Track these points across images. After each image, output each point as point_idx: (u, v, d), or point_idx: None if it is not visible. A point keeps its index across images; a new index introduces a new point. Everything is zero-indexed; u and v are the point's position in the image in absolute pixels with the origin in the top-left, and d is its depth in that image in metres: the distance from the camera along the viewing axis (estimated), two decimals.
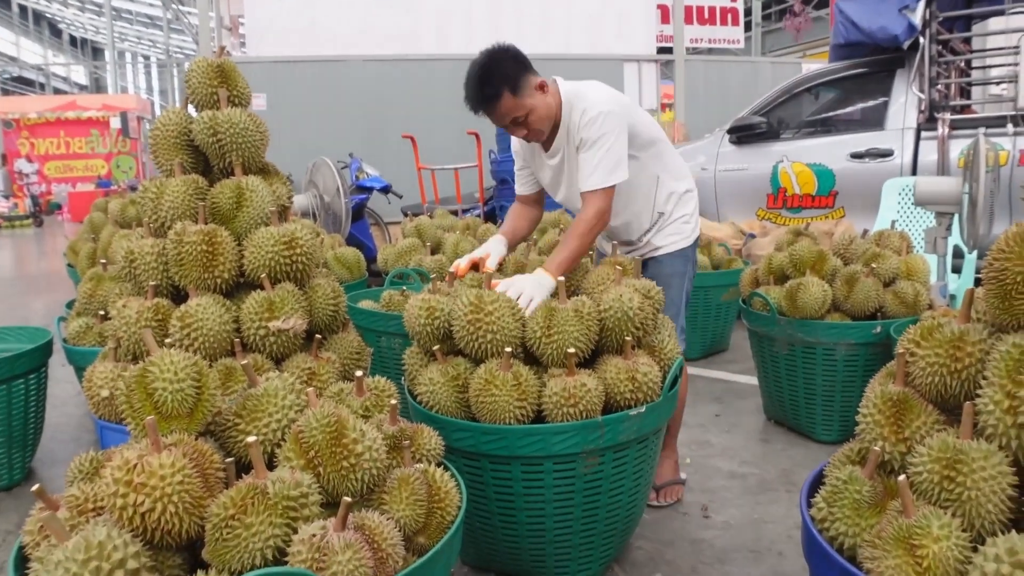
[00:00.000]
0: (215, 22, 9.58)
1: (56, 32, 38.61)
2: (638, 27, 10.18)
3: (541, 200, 2.80)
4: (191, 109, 2.33)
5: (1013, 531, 1.14)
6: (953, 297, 3.75)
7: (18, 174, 19.61)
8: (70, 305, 3.72)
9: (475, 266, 2.50)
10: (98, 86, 39.67)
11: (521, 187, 2.78)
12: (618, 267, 2.22)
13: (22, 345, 3.25)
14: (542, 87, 2.43)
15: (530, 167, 2.71)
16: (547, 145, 2.55)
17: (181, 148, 2.25)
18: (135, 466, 1.25)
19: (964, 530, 1.21)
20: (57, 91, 35.25)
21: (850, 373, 3.16)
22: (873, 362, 3.10)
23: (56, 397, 4.08)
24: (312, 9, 9.21)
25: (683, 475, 2.84)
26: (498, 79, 2.33)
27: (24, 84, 35.02)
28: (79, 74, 41.61)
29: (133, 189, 8.52)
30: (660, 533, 2.54)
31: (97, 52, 41.83)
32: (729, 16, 13.08)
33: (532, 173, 2.72)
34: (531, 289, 2.20)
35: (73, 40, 40.34)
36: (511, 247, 2.67)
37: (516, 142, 2.68)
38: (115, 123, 20.03)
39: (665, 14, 11.63)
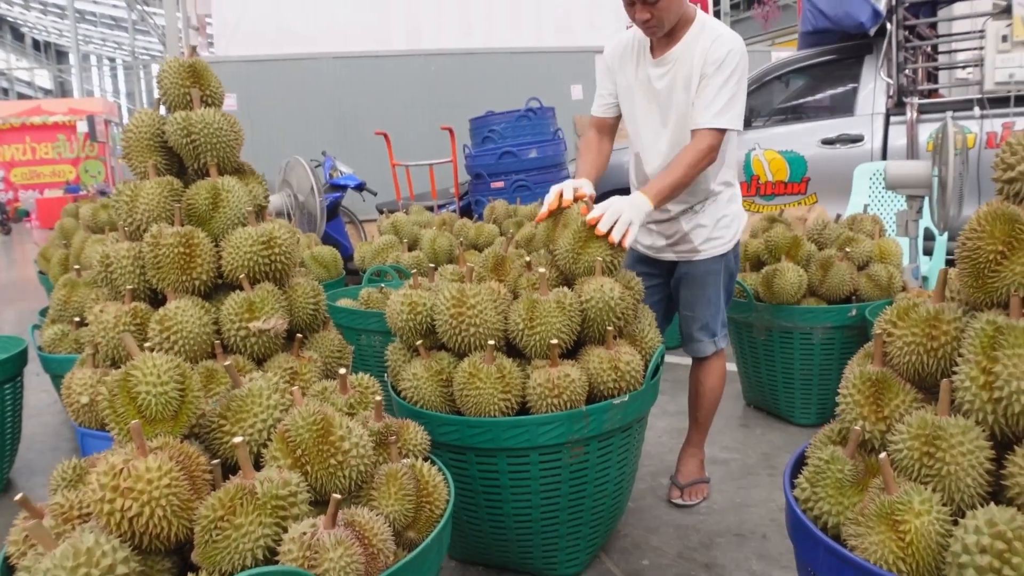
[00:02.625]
0: (182, 22, 9.46)
1: (19, 36, 37.91)
2: (609, 18, 10.19)
3: (614, 129, 2.64)
4: (163, 110, 2.30)
5: (992, 503, 1.17)
6: (925, 278, 3.82)
7: None
8: (44, 313, 3.67)
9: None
10: (63, 90, 39.01)
11: (601, 108, 2.61)
12: (598, 259, 2.21)
13: None
14: None
15: (615, 82, 2.54)
16: (659, 51, 2.40)
17: (154, 150, 2.22)
18: (121, 471, 1.24)
19: (945, 504, 1.23)
20: (21, 96, 34.68)
21: (827, 356, 3.20)
22: (849, 345, 3.15)
23: (32, 407, 4.03)
24: (280, 7, 9.12)
25: (707, 475, 2.77)
26: None
27: None
28: (43, 78, 40.91)
29: (103, 193, 8.42)
30: (646, 520, 2.56)
31: (61, 55, 41.14)
32: (698, 6, 13.12)
33: (614, 93, 2.56)
34: (628, 212, 2.15)
35: (36, 44, 39.63)
36: (595, 184, 2.49)
37: (609, 51, 2.54)
38: (82, 127, 19.70)
39: None
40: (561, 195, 2.26)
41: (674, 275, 2.65)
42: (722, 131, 2.27)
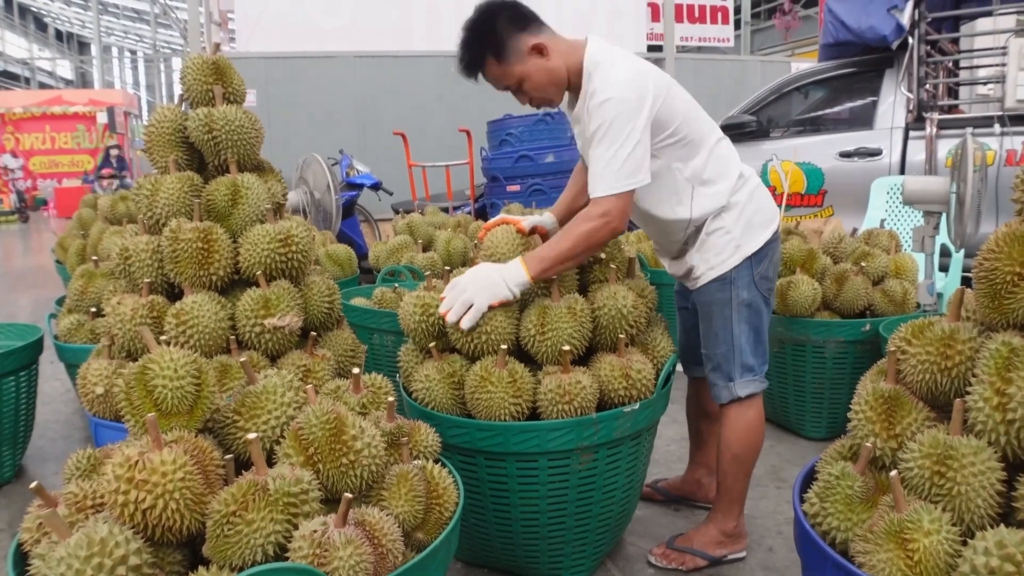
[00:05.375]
0: (204, 17, 9.52)
1: (42, 26, 38.26)
2: (629, 25, 10.21)
3: None
4: (185, 106, 2.32)
5: (1002, 525, 1.17)
6: (940, 295, 3.79)
7: (3, 169, 19.42)
8: (60, 302, 3.70)
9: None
10: (84, 81, 39.34)
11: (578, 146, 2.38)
12: (611, 265, 2.23)
13: (12, 342, 3.24)
14: (539, 50, 2.06)
15: None
16: (572, 109, 2.21)
17: (176, 145, 2.25)
18: (136, 463, 1.26)
19: (954, 524, 1.23)
20: (43, 85, 34.94)
21: (839, 371, 3.19)
22: (862, 360, 3.13)
23: (45, 394, 4.07)
24: (302, 4, 9.17)
25: (720, 554, 2.31)
26: (480, 44, 2.06)
27: (9, 79, 34.66)
28: (65, 69, 41.27)
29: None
30: (653, 529, 2.56)
31: (83, 46, 41.51)
32: (719, 15, 13.13)
33: None
34: (471, 292, 2.01)
35: (59, 34, 40.00)
36: (563, 220, 2.32)
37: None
38: (102, 118, 19.86)
39: (655, 12, 11.65)
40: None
41: None
42: (614, 196, 1.99)
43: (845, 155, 5.47)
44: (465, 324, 2.03)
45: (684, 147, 2.13)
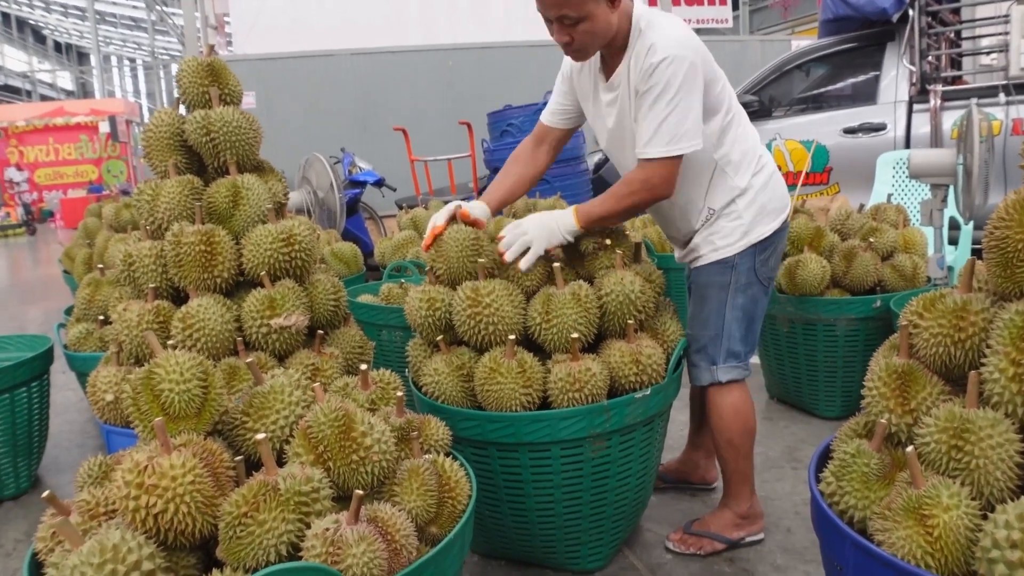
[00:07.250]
0: (200, 21, 9.52)
1: (40, 38, 38.39)
2: None
3: (560, 142, 2.38)
4: (183, 109, 2.32)
5: (1022, 497, 1.15)
6: (951, 268, 3.76)
7: (9, 183, 19.52)
8: (69, 311, 3.71)
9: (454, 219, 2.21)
10: (85, 91, 39.49)
11: (549, 114, 2.34)
12: (617, 252, 2.21)
13: (22, 353, 3.25)
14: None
15: (574, 95, 2.27)
16: (608, 72, 2.12)
17: (175, 149, 2.24)
18: (146, 468, 1.25)
19: (973, 498, 1.21)
20: (44, 98, 35.08)
21: (851, 348, 3.17)
22: (874, 337, 3.11)
23: (58, 404, 4.08)
24: (297, 4, 9.17)
25: (738, 536, 2.30)
26: None
27: (10, 92, 34.79)
28: (65, 80, 41.42)
29: (125, 193, 8.50)
30: (669, 515, 2.55)
31: (82, 57, 41.63)
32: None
33: (573, 102, 2.29)
34: (531, 234, 2.07)
35: (58, 46, 40.12)
36: (495, 211, 2.32)
37: (568, 60, 2.22)
38: (104, 128, 19.94)
39: None
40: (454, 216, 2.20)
41: None
42: (663, 160, 1.96)
43: (849, 131, 5.42)
44: (523, 265, 2.10)
45: (720, 118, 2.10)
